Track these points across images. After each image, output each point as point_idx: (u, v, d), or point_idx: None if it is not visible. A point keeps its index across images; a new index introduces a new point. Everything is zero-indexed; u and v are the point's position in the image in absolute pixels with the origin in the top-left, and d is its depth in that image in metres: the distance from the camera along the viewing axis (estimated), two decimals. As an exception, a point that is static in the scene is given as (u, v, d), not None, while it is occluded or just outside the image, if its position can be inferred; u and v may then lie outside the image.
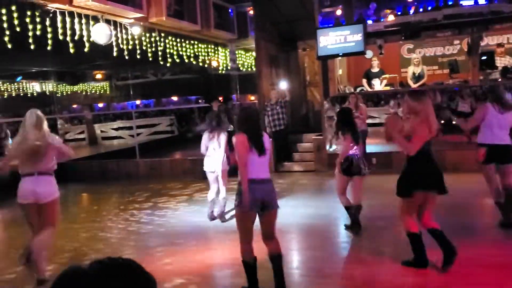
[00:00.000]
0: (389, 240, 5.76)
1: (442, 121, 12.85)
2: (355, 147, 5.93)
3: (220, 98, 16.29)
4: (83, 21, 7.80)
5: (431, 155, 4.55)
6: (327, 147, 10.64)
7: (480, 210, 7.28)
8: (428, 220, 4.60)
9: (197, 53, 11.78)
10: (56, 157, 4.98)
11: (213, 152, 7.06)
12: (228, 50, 13.12)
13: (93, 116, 20.25)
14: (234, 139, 4.24)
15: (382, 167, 9.43)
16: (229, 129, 11.22)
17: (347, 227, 6.20)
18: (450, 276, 4.46)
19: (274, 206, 4.25)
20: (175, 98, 23.74)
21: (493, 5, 12.84)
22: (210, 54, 12.56)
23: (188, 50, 11.25)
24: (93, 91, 20.67)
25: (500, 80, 10.50)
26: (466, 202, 7.20)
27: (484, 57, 10.69)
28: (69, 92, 19.02)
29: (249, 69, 14.63)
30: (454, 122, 11.42)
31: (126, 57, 9.04)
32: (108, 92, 21.07)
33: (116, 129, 19.37)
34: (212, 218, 7.19)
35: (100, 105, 23.71)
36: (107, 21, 8.30)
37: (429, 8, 13.69)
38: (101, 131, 19.58)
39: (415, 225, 4.63)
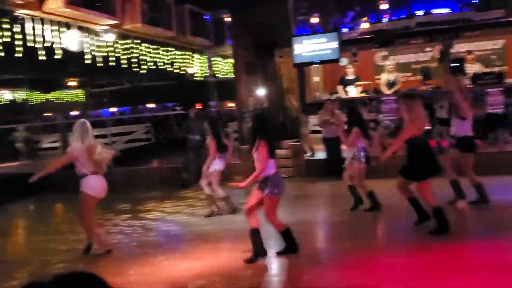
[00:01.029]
0: (359, 244, 5.81)
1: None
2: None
3: (199, 105, 16.25)
4: (55, 27, 7.68)
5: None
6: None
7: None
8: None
9: (173, 60, 11.72)
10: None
11: None
12: (205, 56, 13.10)
13: (67, 124, 19.89)
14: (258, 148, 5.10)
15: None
16: (206, 136, 11.22)
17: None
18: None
19: None
20: (151, 105, 23.53)
21: (463, 14, 13.20)
22: (186, 60, 12.51)
23: (164, 56, 11.18)
24: (67, 99, 20.34)
25: (471, 86, 10.75)
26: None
27: (454, 64, 10.92)
28: (43, 100, 18.68)
29: (227, 76, 14.63)
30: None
31: (100, 64, 8.93)
32: (82, 100, 20.76)
33: (91, 137, 19.02)
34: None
35: (75, 113, 23.33)
36: (80, 28, 8.19)
37: (402, 16, 13.98)
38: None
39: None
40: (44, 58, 7.68)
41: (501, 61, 11.98)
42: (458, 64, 10.99)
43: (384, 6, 14.31)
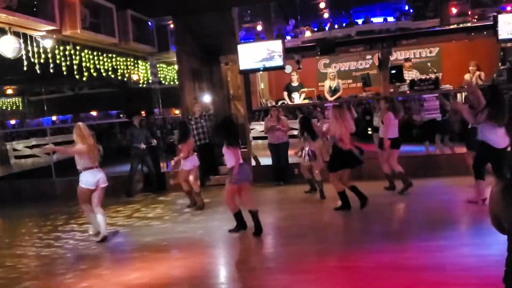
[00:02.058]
0: (313, 248, 5.92)
1: (358, 132, 13.52)
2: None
3: (143, 112, 15.94)
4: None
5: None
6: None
7: (398, 214, 7.71)
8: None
9: (116, 67, 11.45)
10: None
11: None
12: (149, 63, 12.90)
13: (4, 133, 18.94)
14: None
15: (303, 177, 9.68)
16: (153, 144, 11.05)
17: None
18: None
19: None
20: (94, 113, 22.86)
21: (400, 23, 13.84)
22: (130, 67, 12.26)
23: (106, 63, 10.91)
24: (3, 107, 19.40)
25: (408, 92, 11.24)
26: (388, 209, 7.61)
27: (393, 71, 11.37)
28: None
29: (172, 83, 14.47)
30: (369, 133, 12.07)
31: (38, 71, 8.58)
32: (20, 108, 19.86)
33: (30, 147, 18.22)
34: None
35: (13, 121, 22.28)
36: (16, 34, 7.85)
37: (344, 24, 14.44)
38: (14, 150, 18.33)
39: None
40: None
41: (436, 68, 12.59)
42: (397, 71, 11.45)
43: (326, 15, 14.75)
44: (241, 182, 6.52)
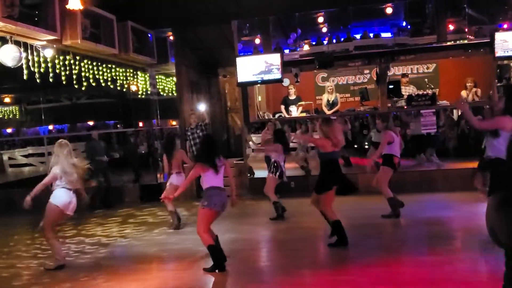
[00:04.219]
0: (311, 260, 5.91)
1: (356, 146, 13.58)
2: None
3: (140, 123, 15.96)
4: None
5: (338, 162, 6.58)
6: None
7: (394, 228, 7.71)
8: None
9: (115, 77, 11.50)
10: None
11: None
12: (148, 74, 12.96)
13: (0, 142, 18.89)
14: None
15: (299, 191, 9.70)
16: (115, 156, 10.97)
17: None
18: None
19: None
20: (91, 123, 22.84)
21: (398, 38, 13.94)
22: (129, 78, 12.32)
23: (106, 73, 10.95)
24: (0, 116, 19.38)
25: (405, 107, 11.31)
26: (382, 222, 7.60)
27: (391, 86, 11.46)
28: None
29: (170, 94, 14.51)
30: (366, 147, 12.11)
31: (38, 80, 8.60)
32: (17, 117, 19.83)
33: (26, 156, 18.16)
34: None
35: (9, 130, 22.21)
36: (17, 43, 7.89)
37: (342, 39, 14.54)
38: (9, 158, 18.27)
39: None
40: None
41: (434, 84, 12.71)
42: (394, 86, 11.54)
43: (324, 29, 14.87)
44: (215, 207, 5.60)
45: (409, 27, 14.64)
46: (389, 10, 12.87)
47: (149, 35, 11.49)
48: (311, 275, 5.44)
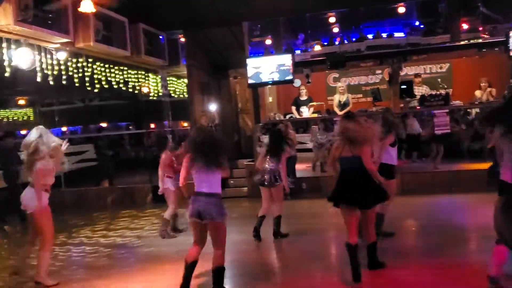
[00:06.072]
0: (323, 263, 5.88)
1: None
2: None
3: (152, 125, 16.06)
4: (4, 45, 7.47)
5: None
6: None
7: (401, 230, 7.64)
8: None
9: (127, 79, 11.60)
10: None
11: None
12: (159, 76, 13.03)
13: (15, 143, 19.09)
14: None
15: (311, 192, 9.67)
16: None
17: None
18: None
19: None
20: (104, 125, 23.05)
21: (411, 38, 13.84)
22: (140, 80, 12.41)
23: (118, 76, 11.05)
24: (15, 118, 19.64)
25: (418, 107, 11.22)
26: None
27: (403, 86, 11.37)
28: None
29: (181, 96, 14.59)
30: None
31: (51, 83, 8.71)
32: (31, 119, 20.09)
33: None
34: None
35: (23, 132, 22.49)
36: (31, 46, 7.99)
37: (353, 39, 14.48)
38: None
39: None
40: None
41: (447, 84, 12.60)
42: (407, 87, 11.45)
43: (336, 30, 14.82)
44: (191, 217, 4.72)
45: (422, 26, 14.52)
46: (401, 10, 12.74)
47: (161, 37, 11.56)
48: (320, 278, 5.43)
